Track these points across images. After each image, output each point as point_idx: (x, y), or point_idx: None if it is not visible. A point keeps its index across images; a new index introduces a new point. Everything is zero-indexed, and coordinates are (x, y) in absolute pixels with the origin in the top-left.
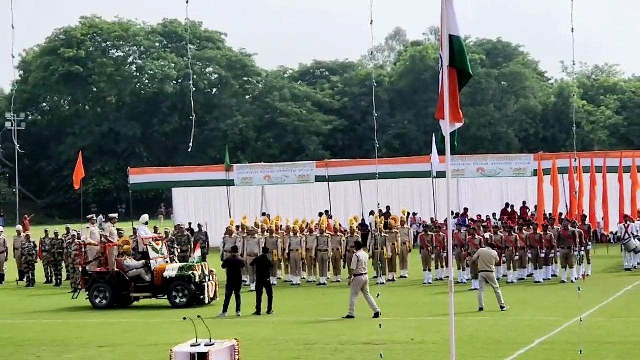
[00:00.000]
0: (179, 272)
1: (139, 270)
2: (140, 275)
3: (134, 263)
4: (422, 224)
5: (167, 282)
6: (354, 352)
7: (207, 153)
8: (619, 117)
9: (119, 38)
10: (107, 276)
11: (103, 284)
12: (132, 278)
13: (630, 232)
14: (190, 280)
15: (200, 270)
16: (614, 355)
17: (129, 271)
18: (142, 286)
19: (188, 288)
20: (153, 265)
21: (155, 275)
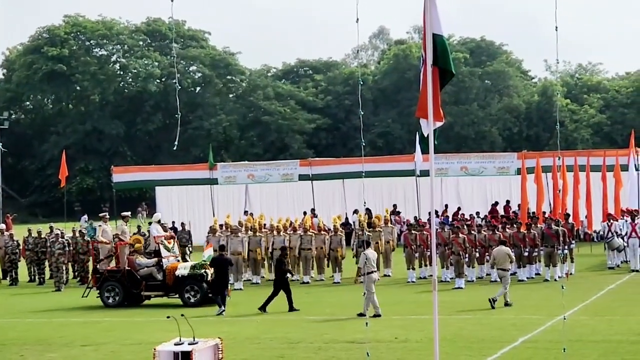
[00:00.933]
0: (191, 270)
1: (151, 268)
2: (152, 274)
3: (146, 261)
4: (406, 223)
5: (179, 281)
6: (338, 351)
7: (190, 152)
8: (602, 116)
9: (103, 37)
10: (118, 274)
11: (114, 282)
12: (143, 276)
13: (613, 230)
14: (202, 279)
15: (212, 269)
16: (597, 353)
17: (140, 269)
18: (154, 285)
19: (200, 287)
20: (165, 264)
21: (167, 274)
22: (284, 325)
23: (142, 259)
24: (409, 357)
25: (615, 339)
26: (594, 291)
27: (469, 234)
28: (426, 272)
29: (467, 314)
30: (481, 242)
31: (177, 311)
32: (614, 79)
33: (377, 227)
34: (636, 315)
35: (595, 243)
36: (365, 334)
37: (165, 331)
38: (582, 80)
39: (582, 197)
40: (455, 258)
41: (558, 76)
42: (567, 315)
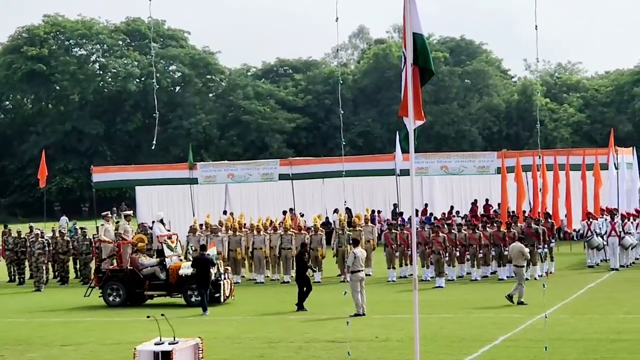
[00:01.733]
0: (194, 270)
1: (154, 268)
2: (155, 273)
3: (149, 261)
4: (387, 222)
5: (183, 281)
6: (318, 350)
7: (170, 151)
8: (581, 115)
9: (82, 36)
10: (121, 274)
11: (116, 281)
12: (146, 276)
13: (592, 229)
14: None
15: (215, 269)
16: (578, 351)
17: (143, 269)
18: (157, 284)
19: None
20: (168, 263)
21: (170, 273)
22: (265, 324)
23: (145, 258)
24: (389, 356)
25: (595, 338)
26: (573, 290)
27: (449, 233)
28: (407, 271)
29: (447, 312)
30: (461, 241)
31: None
32: (593, 78)
33: (358, 226)
34: (616, 313)
35: (575, 242)
36: (346, 333)
37: (145, 331)
38: (562, 79)
39: (562, 196)
40: (435, 257)
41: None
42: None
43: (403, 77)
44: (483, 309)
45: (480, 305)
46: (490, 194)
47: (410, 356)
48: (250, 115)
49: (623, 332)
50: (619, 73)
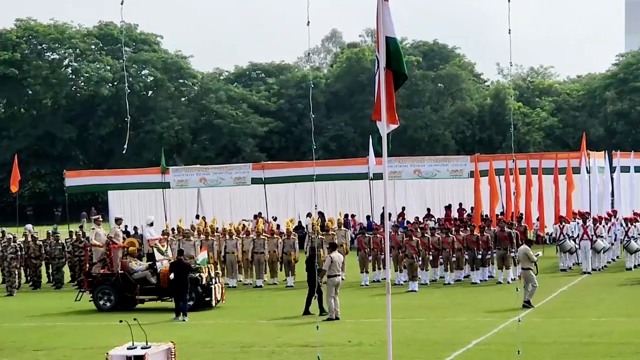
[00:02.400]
0: None
1: (145, 272)
2: (146, 277)
3: (140, 265)
4: (360, 226)
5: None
6: (291, 355)
7: (142, 155)
8: (554, 119)
9: (55, 40)
10: (111, 278)
11: (107, 286)
12: (137, 280)
13: (565, 233)
14: (197, 283)
15: (207, 273)
16: (550, 355)
17: (134, 273)
18: (148, 288)
19: (195, 291)
20: (159, 267)
21: (162, 277)
22: (237, 329)
23: (135, 262)
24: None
25: (568, 341)
26: (546, 293)
27: (422, 237)
28: (380, 275)
29: (420, 317)
30: (435, 245)
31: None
32: (565, 82)
33: (331, 230)
34: (588, 317)
35: (548, 245)
36: (318, 337)
37: (118, 335)
38: (534, 83)
39: (535, 199)
40: (408, 261)
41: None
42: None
43: (376, 81)
44: (456, 313)
45: (453, 309)
46: (463, 198)
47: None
48: (222, 119)
49: (595, 335)
50: (590, 77)
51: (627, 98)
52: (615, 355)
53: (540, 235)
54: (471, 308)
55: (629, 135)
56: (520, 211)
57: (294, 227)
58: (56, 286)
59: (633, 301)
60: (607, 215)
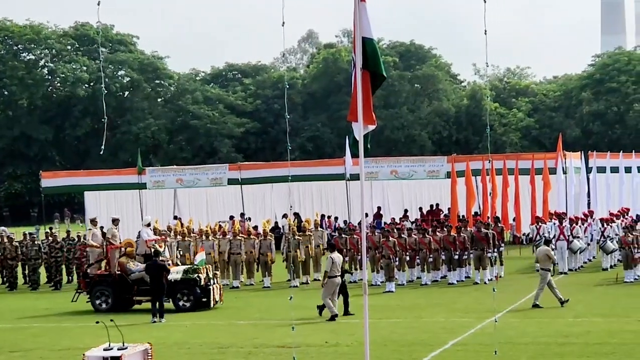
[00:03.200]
0: (183, 275)
1: (142, 272)
2: (144, 278)
3: (137, 266)
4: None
5: (172, 285)
6: (268, 355)
7: (119, 156)
8: (530, 120)
9: (31, 41)
10: (109, 279)
11: (105, 286)
12: (134, 281)
13: (541, 233)
14: (196, 284)
15: (205, 273)
16: (527, 355)
17: (132, 274)
18: (145, 289)
19: (193, 291)
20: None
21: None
22: (214, 330)
23: (133, 263)
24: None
25: (544, 341)
26: (523, 293)
27: (399, 238)
28: (356, 275)
29: (397, 317)
30: (411, 246)
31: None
32: (541, 83)
33: (307, 231)
34: (565, 317)
35: (524, 246)
36: (295, 338)
37: (94, 336)
38: (511, 84)
39: (511, 200)
40: (385, 262)
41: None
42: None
43: (352, 82)
44: (433, 313)
45: (430, 309)
46: (440, 198)
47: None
48: (199, 120)
49: (571, 336)
50: (567, 78)
51: (603, 99)
52: (592, 355)
53: (516, 236)
54: (448, 308)
55: (605, 136)
56: (497, 212)
57: (271, 228)
58: (32, 287)
59: (609, 301)
60: (583, 216)
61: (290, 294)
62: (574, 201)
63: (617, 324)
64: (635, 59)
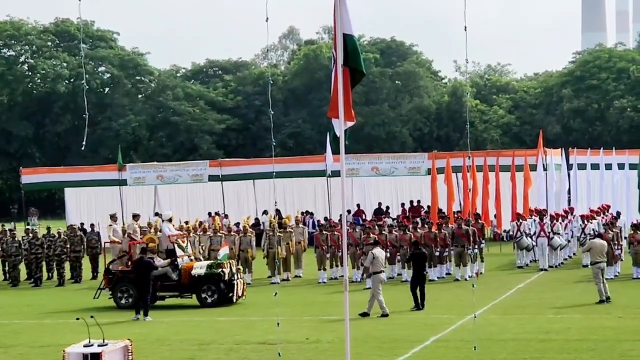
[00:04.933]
0: (207, 270)
1: (165, 268)
2: (167, 274)
3: (160, 261)
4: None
5: (196, 281)
6: (249, 352)
7: (99, 152)
8: (511, 117)
9: (11, 37)
10: (131, 275)
11: (127, 283)
12: (157, 277)
13: (522, 230)
14: (220, 279)
15: (229, 268)
16: (507, 351)
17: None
18: (169, 285)
19: (217, 287)
20: (180, 264)
21: (183, 274)
22: (195, 326)
23: (156, 258)
24: (320, 357)
25: (524, 338)
26: (503, 290)
27: (379, 234)
28: (337, 272)
29: (378, 313)
30: (392, 242)
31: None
32: (522, 80)
33: (288, 227)
34: (545, 314)
35: (505, 242)
36: (277, 334)
37: (75, 333)
38: (491, 81)
39: (492, 196)
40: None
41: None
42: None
43: (333, 78)
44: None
45: (411, 306)
46: (421, 195)
47: (341, 358)
48: (179, 116)
49: (552, 332)
50: (547, 75)
51: (583, 96)
52: (572, 351)
53: (497, 233)
54: (429, 305)
55: (585, 133)
56: (478, 208)
57: (251, 224)
58: (12, 283)
59: (589, 298)
60: (563, 213)
61: (271, 290)
62: (554, 198)
63: (597, 320)
64: (615, 56)
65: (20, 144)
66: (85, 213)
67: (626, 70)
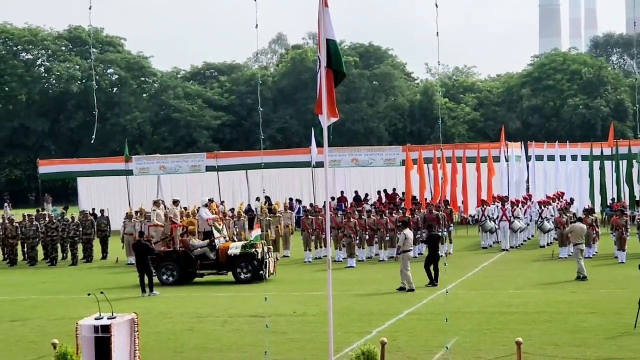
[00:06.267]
0: (242, 250)
1: (204, 248)
2: (205, 254)
3: (199, 242)
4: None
5: (232, 260)
6: (242, 324)
7: (108, 146)
8: (476, 113)
9: (29, 42)
10: (174, 255)
11: (170, 262)
12: (197, 256)
13: (486, 214)
14: (253, 257)
15: (261, 248)
16: (473, 322)
17: (195, 250)
18: (207, 263)
19: (252, 264)
20: (217, 244)
21: (220, 253)
22: (193, 301)
23: (195, 240)
24: (305, 328)
25: (489, 310)
26: (470, 268)
27: (359, 219)
28: (321, 253)
29: (358, 290)
30: (370, 226)
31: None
32: (486, 80)
33: (277, 212)
34: (506, 289)
35: (471, 226)
36: (266, 308)
37: (86, 307)
38: (459, 81)
39: (459, 185)
40: (347, 240)
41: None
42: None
43: (318, 79)
44: (390, 286)
45: (387, 282)
46: (396, 184)
47: (325, 329)
48: (179, 113)
49: (512, 306)
50: (509, 76)
51: (541, 94)
52: (530, 322)
53: (464, 217)
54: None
55: (542, 128)
56: (447, 195)
57: (245, 210)
58: (30, 263)
59: (546, 275)
60: (523, 199)
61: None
62: (515, 186)
63: (553, 295)
64: (569, 59)
65: (37, 138)
66: (96, 200)
67: (579, 72)
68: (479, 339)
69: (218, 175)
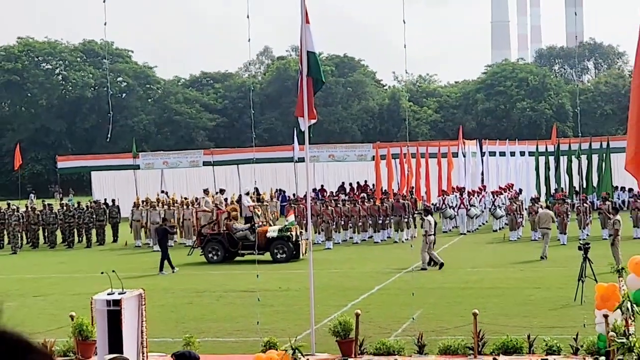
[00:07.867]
0: (279, 233)
1: (245, 231)
2: (246, 236)
3: (241, 226)
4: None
5: (270, 241)
6: (235, 298)
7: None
8: (437, 115)
9: (48, 54)
10: (219, 237)
11: (216, 243)
12: (239, 238)
13: (446, 203)
14: (289, 240)
15: (295, 231)
16: (435, 297)
17: (237, 232)
18: (248, 245)
19: (287, 246)
20: (256, 228)
21: (259, 236)
22: (192, 278)
23: (237, 224)
24: (290, 302)
25: (449, 286)
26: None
27: (336, 207)
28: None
29: (335, 268)
30: (345, 213)
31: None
32: (446, 87)
33: (265, 201)
34: (464, 268)
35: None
36: (256, 284)
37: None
38: (422, 87)
39: (422, 177)
40: (325, 225)
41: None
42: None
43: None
44: (362, 265)
45: (360, 262)
46: (367, 176)
47: (306, 302)
48: (180, 116)
49: (470, 282)
50: (465, 83)
51: (493, 99)
52: (486, 297)
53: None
54: (374, 262)
55: (495, 128)
56: (412, 186)
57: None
58: (50, 246)
59: (498, 256)
60: (478, 190)
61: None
62: (471, 178)
63: (504, 273)
64: (517, 68)
65: (56, 137)
66: (108, 191)
67: (526, 79)
68: (440, 311)
69: (213, 170)
